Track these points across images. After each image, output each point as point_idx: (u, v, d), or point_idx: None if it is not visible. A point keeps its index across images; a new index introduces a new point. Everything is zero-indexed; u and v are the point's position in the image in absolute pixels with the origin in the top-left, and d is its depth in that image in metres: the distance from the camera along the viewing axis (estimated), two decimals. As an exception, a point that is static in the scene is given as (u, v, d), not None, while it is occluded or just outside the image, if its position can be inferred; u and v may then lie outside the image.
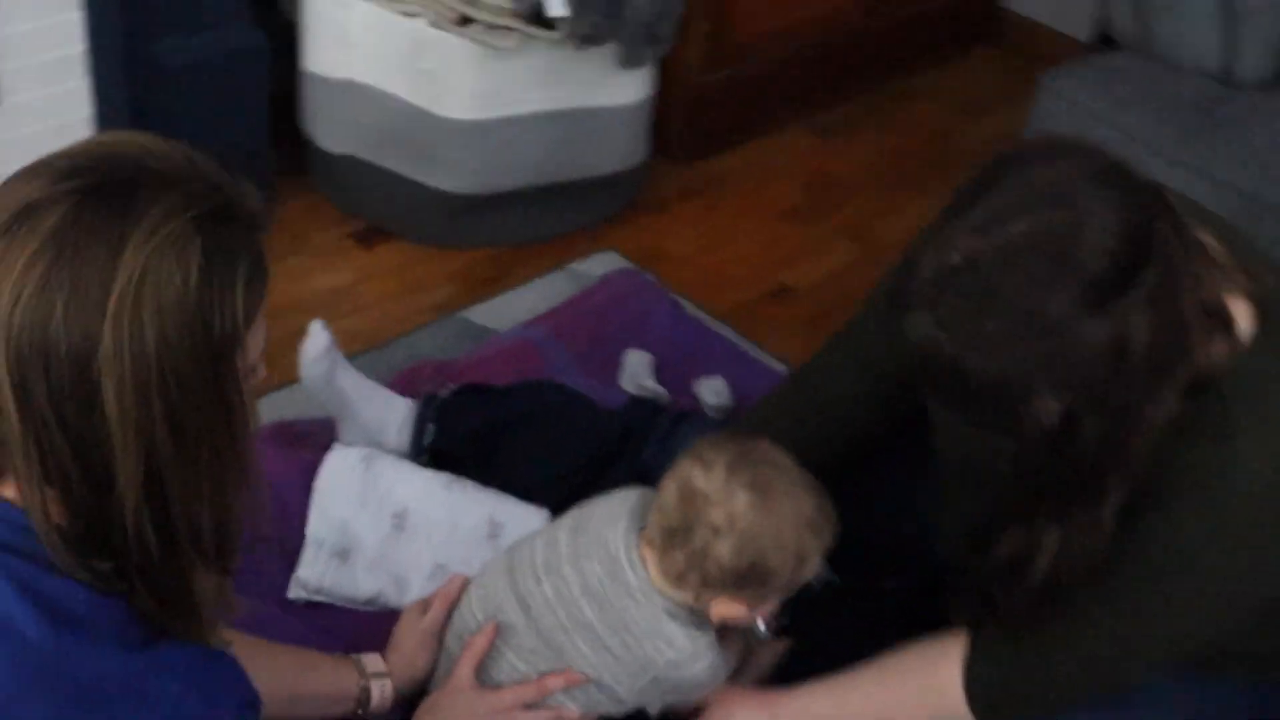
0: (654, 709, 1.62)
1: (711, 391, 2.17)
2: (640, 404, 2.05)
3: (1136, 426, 1.34)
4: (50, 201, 1.00)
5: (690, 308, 2.40)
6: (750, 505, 1.49)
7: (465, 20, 2.32)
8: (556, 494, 1.88)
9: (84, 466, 1.02)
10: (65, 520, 1.04)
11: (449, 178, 2.43)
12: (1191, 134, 1.91)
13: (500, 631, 1.58)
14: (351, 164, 2.49)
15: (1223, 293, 1.38)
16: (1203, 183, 1.41)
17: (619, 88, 2.46)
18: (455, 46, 2.31)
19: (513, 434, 1.94)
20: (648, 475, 1.73)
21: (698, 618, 1.55)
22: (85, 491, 1.03)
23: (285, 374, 1.88)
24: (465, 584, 1.66)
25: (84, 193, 1.01)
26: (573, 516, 1.63)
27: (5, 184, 1.04)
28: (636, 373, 2.20)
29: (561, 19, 2.24)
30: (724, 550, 1.49)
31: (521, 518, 1.86)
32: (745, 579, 1.51)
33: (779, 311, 2.48)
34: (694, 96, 2.74)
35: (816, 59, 2.94)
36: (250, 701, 1.12)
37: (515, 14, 2.28)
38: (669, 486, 1.53)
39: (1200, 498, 1.39)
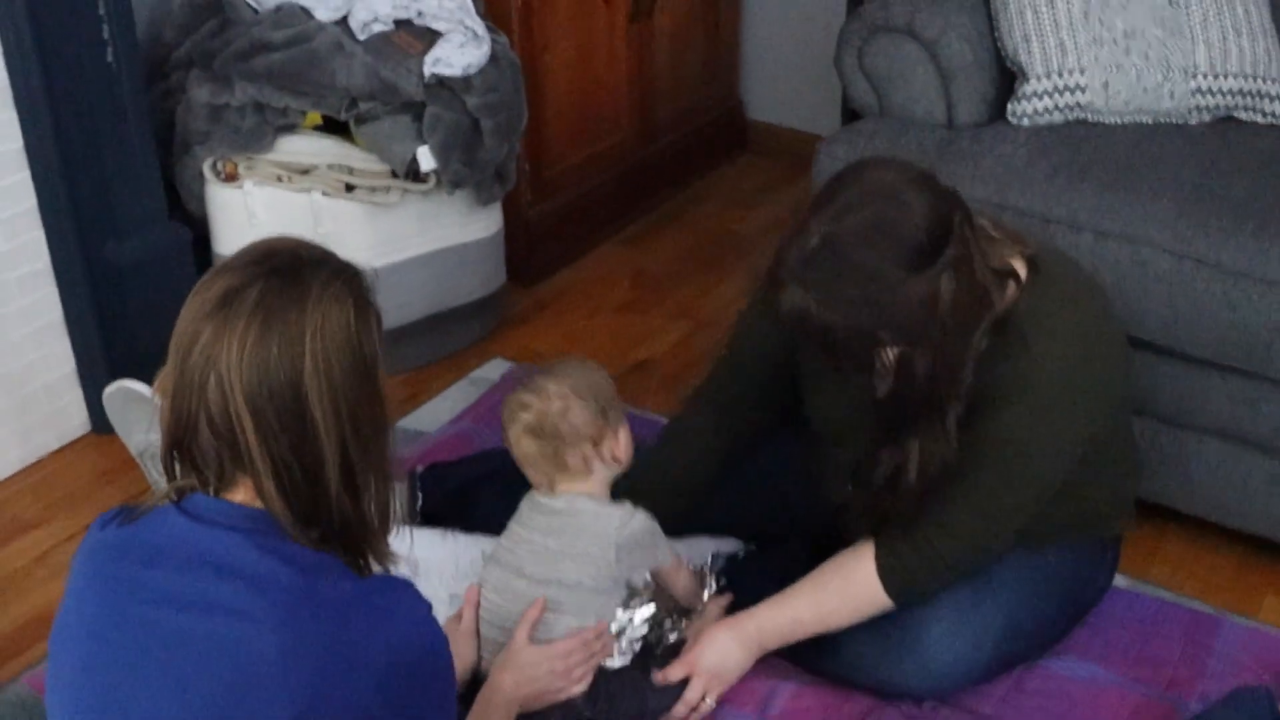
0: (639, 577, 2.02)
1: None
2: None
3: (959, 360, 1.81)
4: (247, 284, 1.39)
5: (574, 387, 2.84)
6: (559, 382, 1.99)
7: (350, 187, 2.74)
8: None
9: (300, 461, 1.40)
10: (285, 506, 1.42)
11: (356, 321, 2.82)
12: (939, 167, 2.39)
13: (516, 599, 1.97)
14: (267, 326, 2.86)
15: (1005, 256, 1.90)
16: (955, 198, 1.87)
17: (478, 224, 2.89)
18: (347, 210, 2.71)
19: (482, 490, 2.31)
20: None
21: (610, 498, 2.02)
22: (301, 480, 1.40)
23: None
24: (478, 589, 2.03)
25: (268, 275, 1.40)
26: (513, 519, 2.04)
27: (203, 284, 1.42)
28: (549, 439, 2.63)
29: (432, 170, 2.68)
30: (579, 414, 1.97)
31: (504, 549, 2.24)
32: (602, 414, 1.98)
33: (643, 380, 2.91)
34: (527, 228, 3.19)
35: (614, 184, 3.41)
36: (430, 606, 1.50)
37: (392, 174, 2.72)
38: (520, 441, 2.00)
39: (1018, 398, 1.86)
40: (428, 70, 2.59)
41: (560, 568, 1.96)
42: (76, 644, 1.45)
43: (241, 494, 1.43)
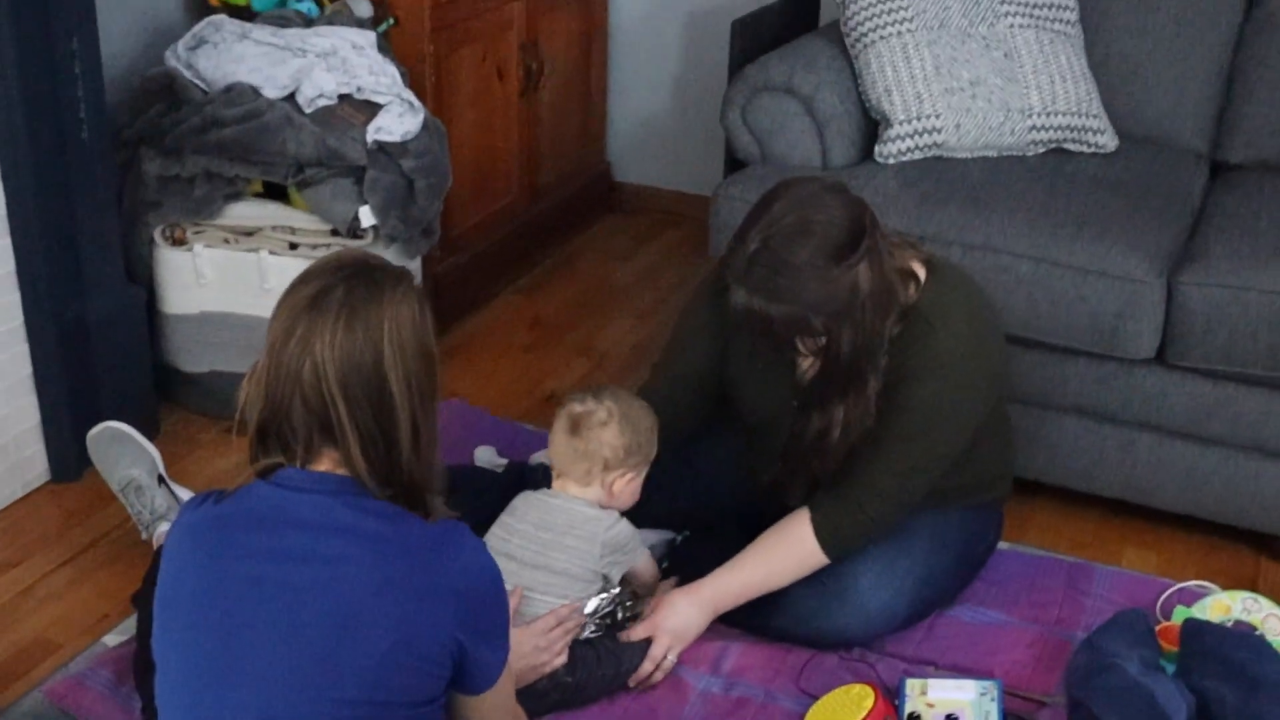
0: (615, 574, 2.23)
1: (544, 456, 2.81)
2: (516, 465, 2.69)
3: (876, 338, 2.11)
4: (332, 286, 1.62)
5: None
6: (616, 401, 2.24)
7: (294, 246, 2.93)
8: (483, 530, 2.49)
9: (380, 429, 1.62)
10: (368, 468, 1.62)
11: (299, 367, 2.99)
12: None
13: (506, 580, 2.11)
14: (214, 377, 2.98)
15: (906, 259, 2.21)
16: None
17: (404, 275, 3.11)
18: (292, 266, 2.85)
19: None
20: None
21: (604, 506, 2.24)
22: (380, 448, 1.62)
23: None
24: None
25: (348, 278, 1.63)
26: (505, 512, 2.27)
27: (290, 291, 1.64)
28: (488, 459, 2.83)
29: (372, 226, 2.89)
30: (612, 433, 2.21)
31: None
32: (630, 450, 2.22)
33: (555, 409, 3.11)
34: (436, 281, 3.39)
35: (507, 240, 3.65)
36: (485, 544, 1.72)
37: (333, 232, 2.92)
38: (557, 428, 2.25)
39: (926, 376, 2.16)
40: (371, 137, 2.82)
41: (549, 555, 2.18)
42: (184, 606, 1.64)
43: (326, 464, 1.64)
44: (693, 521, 2.53)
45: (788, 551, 2.26)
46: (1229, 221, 2.65)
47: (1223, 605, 2.35)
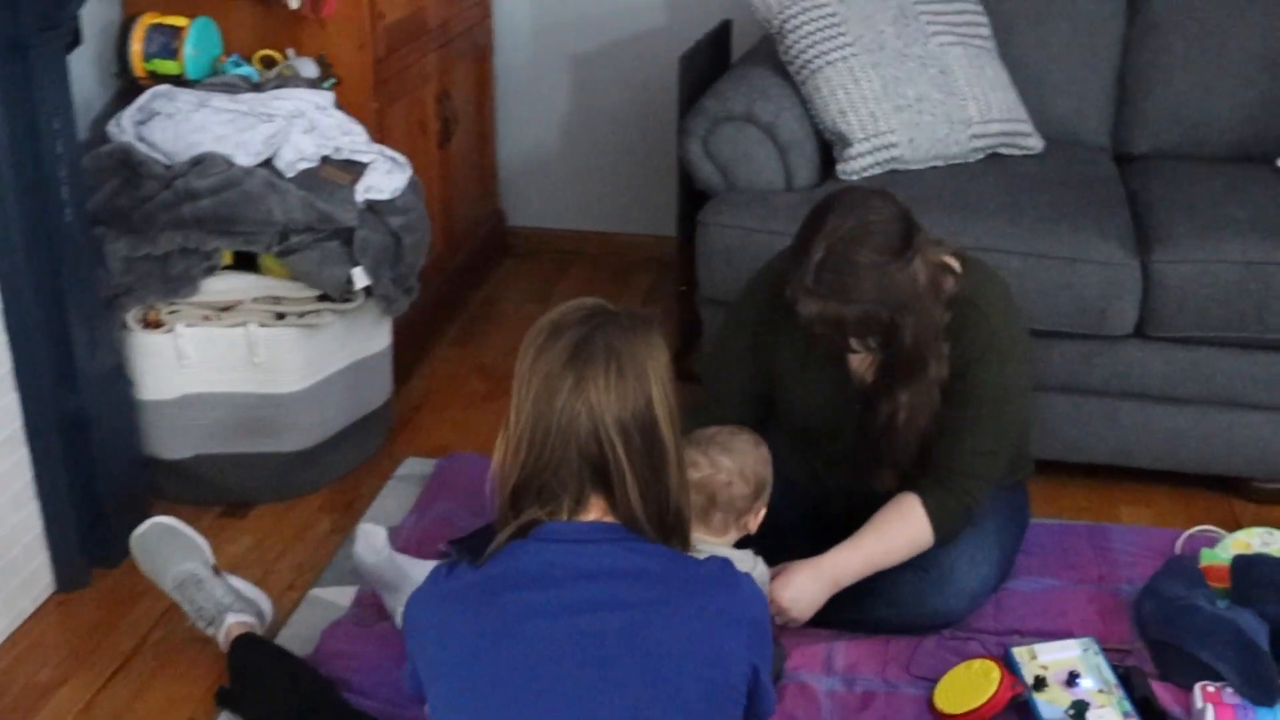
0: None
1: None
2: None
3: (932, 325, 2.19)
4: (590, 334, 1.60)
5: (494, 466, 2.98)
6: (731, 458, 2.24)
7: (280, 315, 2.78)
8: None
9: (652, 468, 1.60)
10: (643, 508, 1.60)
11: (291, 440, 2.81)
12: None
13: None
14: (198, 461, 2.79)
15: (939, 254, 2.29)
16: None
17: (380, 337, 2.96)
18: (280, 336, 2.72)
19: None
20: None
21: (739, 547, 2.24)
22: (652, 484, 1.61)
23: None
24: None
25: (602, 326, 1.61)
26: None
27: (540, 345, 1.61)
28: (512, 506, 2.77)
29: (366, 287, 2.76)
30: (740, 490, 2.22)
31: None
32: (756, 495, 2.25)
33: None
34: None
35: (435, 293, 3.51)
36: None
37: (321, 297, 2.78)
38: None
39: (991, 358, 2.26)
40: (361, 197, 2.70)
41: None
42: (466, 674, 1.58)
43: (594, 514, 1.61)
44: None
45: (902, 529, 2.30)
46: (1168, 205, 2.84)
47: (1242, 542, 2.52)
